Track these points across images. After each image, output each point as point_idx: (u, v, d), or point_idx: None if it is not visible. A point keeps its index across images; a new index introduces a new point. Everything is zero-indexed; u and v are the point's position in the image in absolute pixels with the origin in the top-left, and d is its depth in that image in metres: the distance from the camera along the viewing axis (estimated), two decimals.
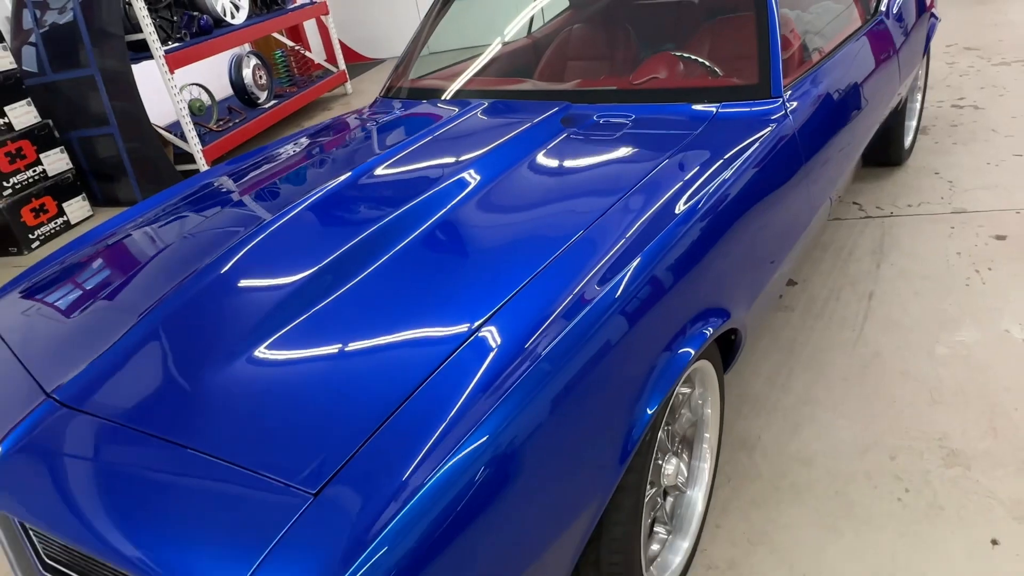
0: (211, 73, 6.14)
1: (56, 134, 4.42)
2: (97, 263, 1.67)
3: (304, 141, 2.21)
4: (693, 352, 1.24)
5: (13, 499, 1.08)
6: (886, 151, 3.13)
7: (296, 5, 6.30)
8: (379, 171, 1.75)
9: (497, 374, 1.01)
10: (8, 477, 1.11)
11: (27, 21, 4.53)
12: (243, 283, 1.38)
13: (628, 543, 1.19)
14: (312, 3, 6.38)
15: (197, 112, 5.30)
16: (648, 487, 1.28)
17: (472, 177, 1.61)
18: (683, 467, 1.49)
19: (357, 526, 0.85)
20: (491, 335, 1.10)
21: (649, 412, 1.15)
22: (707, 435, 1.53)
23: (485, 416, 0.96)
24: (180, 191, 1.99)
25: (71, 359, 1.28)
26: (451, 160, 1.72)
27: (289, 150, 2.14)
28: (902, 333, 2.17)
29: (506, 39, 2.66)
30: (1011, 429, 1.76)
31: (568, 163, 1.64)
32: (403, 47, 8.66)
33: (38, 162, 4.30)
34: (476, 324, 1.12)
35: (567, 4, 2.96)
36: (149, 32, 4.38)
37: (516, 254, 1.29)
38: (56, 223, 4.38)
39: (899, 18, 2.65)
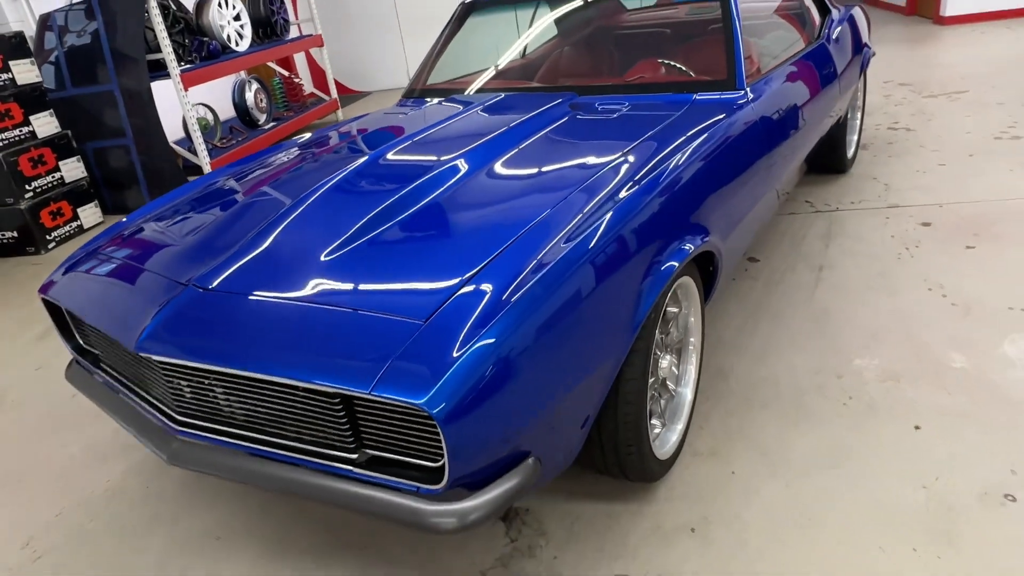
0: (211, 96, 6.51)
1: (74, 144, 4.71)
2: (196, 204, 2.02)
3: (352, 126, 2.60)
4: (693, 248, 1.65)
5: (177, 347, 1.40)
6: (832, 160, 3.64)
7: (293, 37, 6.74)
8: (428, 135, 2.16)
9: (542, 257, 1.39)
10: (169, 334, 1.43)
11: (49, 41, 4.86)
12: (328, 211, 1.74)
13: (638, 397, 1.55)
14: (308, 36, 6.83)
15: (203, 130, 5.64)
16: (649, 377, 1.65)
17: (506, 141, 2.02)
18: (674, 368, 1.87)
19: (451, 345, 1.21)
20: (534, 233, 1.48)
21: (657, 291, 1.53)
22: (692, 340, 1.92)
23: (540, 279, 1.33)
24: (236, 167, 2.34)
25: (200, 262, 1.62)
26: (485, 130, 2.12)
27: (338, 133, 2.52)
28: (847, 294, 2.60)
29: (506, 59, 3.08)
30: (931, 358, 2.18)
31: (579, 132, 2.05)
32: (388, 82, 9.15)
33: (57, 169, 4.58)
34: (531, 219, 1.51)
35: (555, 32, 3.41)
36: (168, 53, 4.75)
37: (551, 186, 1.69)
38: (71, 226, 4.63)
39: (837, 44, 3.18)
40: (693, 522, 1.70)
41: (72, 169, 4.70)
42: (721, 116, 2.06)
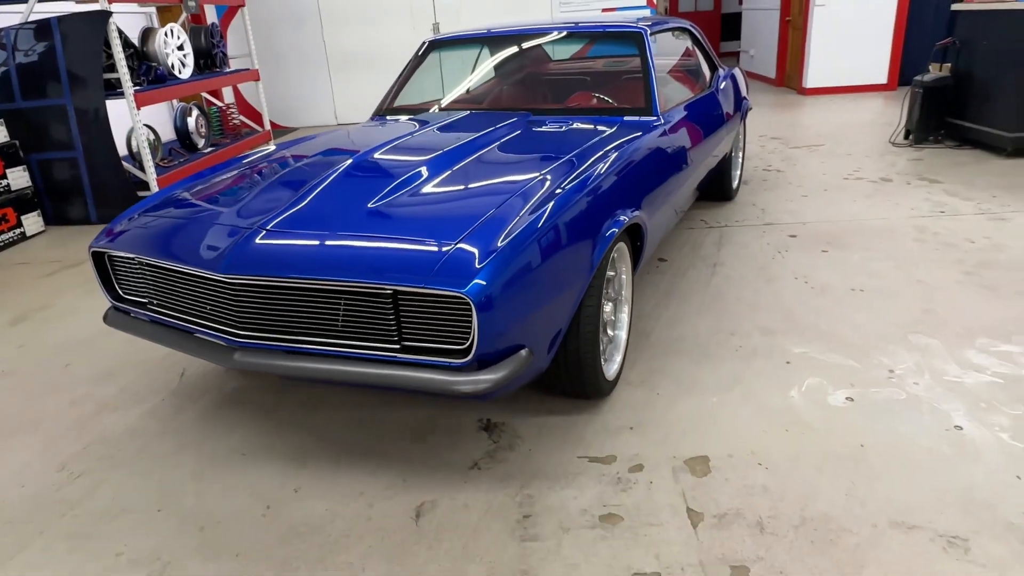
0: (147, 120, 6.69)
1: (21, 154, 4.84)
2: (226, 182, 2.44)
3: (343, 131, 3.09)
4: (627, 219, 2.24)
5: (260, 266, 1.83)
6: (721, 189, 4.44)
7: (231, 69, 7.07)
8: (420, 134, 2.70)
9: (532, 208, 1.94)
10: (248, 259, 1.85)
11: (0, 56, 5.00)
12: (356, 180, 2.22)
13: (595, 320, 2.10)
14: (246, 69, 7.18)
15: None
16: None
17: (486, 140, 2.58)
18: (612, 316, 2.44)
19: (477, 258, 1.73)
20: (526, 193, 2.03)
21: (605, 246, 2.11)
22: (624, 294, 2.51)
23: (531, 222, 1.87)
24: (248, 158, 2.77)
25: (257, 213, 2.05)
26: (465, 133, 2.67)
27: (335, 136, 3.01)
28: (735, 282, 3.30)
29: (463, 88, 3.67)
30: (796, 320, 2.88)
31: (540, 137, 2.65)
32: (315, 119, 9.49)
33: (4, 176, 4.68)
34: (519, 187, 2.06)
35: (503, 68, 4.04)
36: (124, 74, 5.01)
37: (529, 168, 2.25)
38: (14, 233, 4.72)
39: (724, 93, 4.00)
40: (632, 423, 2.25)
41: (18, 178, 4.81)
42: (642, 132, 2.72)
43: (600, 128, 2.77)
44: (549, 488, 1.97)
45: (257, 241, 1.91)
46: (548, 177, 2.17)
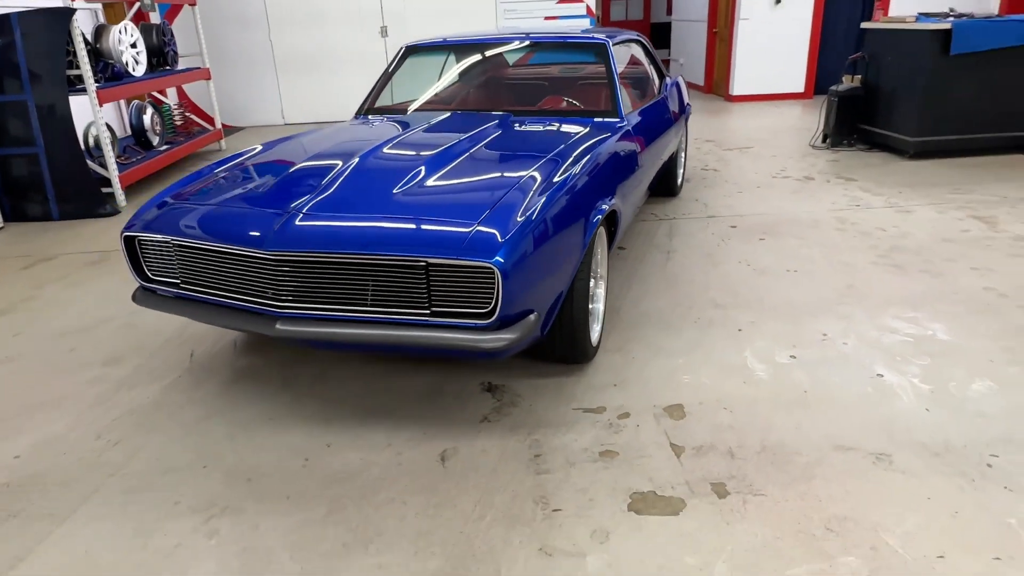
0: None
1: None
2: (246, 169, 2.68)
3: (344, 125, 3.35)
4: (607, 207, 2.60)
5: (303, 242, 2.08)
6: (668, 186, 4.89)
7: (183, 68, 7.09)
8: (421, 130, 3.01)
9: (534, 195, 2.27)
10: (292, 237, 2.10)
11: None
12: (376, 170, 2.50)
13: (585, 292, 2.45)
14: (197, 68, 7.20)
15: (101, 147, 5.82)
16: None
17: (481, 134, 2.90)
18: (593, 290, 2.80)
19: (498, 234, 2.05)
20: (530, 180, 2.36)
21: (593, 228, 2.46)
22: (601, 272, 2.87)
23: (537, 207, 2.20)
24: (250, 152, 3.01)
25: (291, 197, 2.30)
26: (461, 128, 2.98)
27: (340, 129, 3.30)
28: (687, 266, 3.73)
29: (438, 91, 3.96)
30: (743, 296, 3.32)
31: (524, 134, 2.99)
32: (262, 119, 9.49)
33: None
34: (518, 178, 2.38)
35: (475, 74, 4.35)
36: (87, 70, 5.04)
37: (520, 161, 2.59)
38: None
39: (671, 99, 4.45)
40: (614, 381, 2.61)
41: None
42: (610, 133, 3.10)
43: (575, 129, 3.12)
44: (552, 434, 2.30)
45: (298, 222, 2.16)
46: (540, 170, 2.50)
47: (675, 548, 1.80)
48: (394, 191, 2.33)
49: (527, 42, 3.71)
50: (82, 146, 5.76)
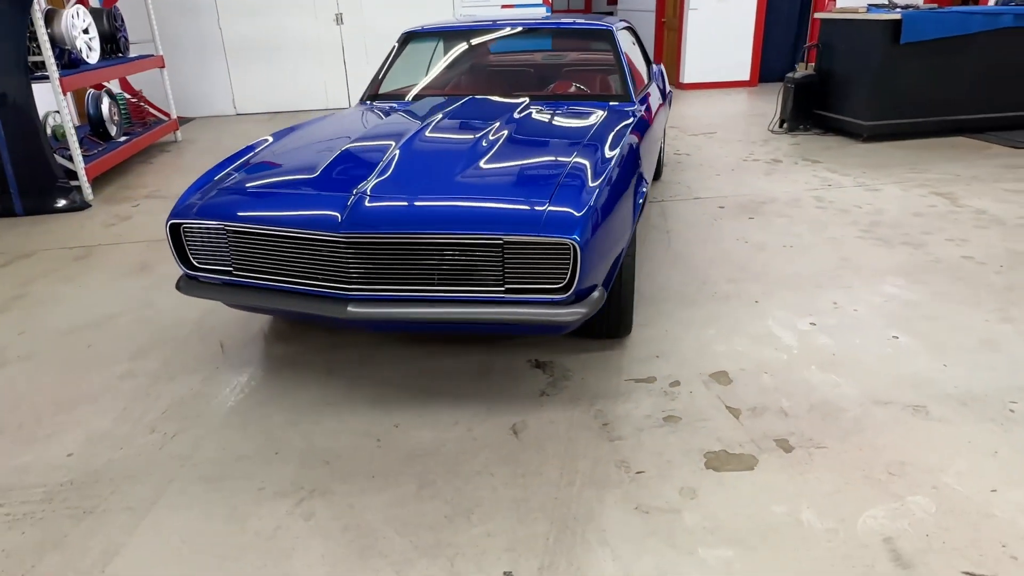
0: (51, 106, 6.26)
1: None
2: (285, 151, 2.66)
3: (358, 112, 3.34)
4: (645, 188, 2.71)
5: (379, 224, 2.10)
6: (655, 169, 5.06)
7: (136, 55, 6.77)
8: (456, 112, 3.04)
9: (592, 176, 2.36)
10: (365, 218, 2.11)
11: None
12: (429, 148, 2.52)
13: (631, 267, 2.56)
14: (150, 56, 6.90)
15: (58, 137, 5.52)
16: None
17: (510, 119, 2.96)
18: None
19: (572, 210, 2.12)
20: (580, 162, 2.44)
21: (640, 208, 2.57)
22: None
23: (598, 187, 2.29)
24: (300, 127, 3.05)
25: (355, 179, 2.30)
26: (488, 114, 3.04)
27: (376, 112, 3.33)
28: (689, 244, 3.90)
29: (440, 82, 3.98)
30: (751, 271, 3.51)
31: (551, 117, 3.06)
32: (212, 108, 9.11)
33: None
34: (569, 159, 2.46)
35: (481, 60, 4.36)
36: (48, 58, 4.76)
37: (559, 144, 2.66)
38: None
39: (660, 83, 4.60)
40: (656, 352, 2.73)
41: None
42: (631, 116, 3.21)
43: (595, 113, 3.22)
44: (613, 403, 2.40)
45: (368, 203, 2.17)
46: (584, 153, 2.58)
47: (760, 499, 1.93)
48: (453, 172, 2.36)
49: (532, 28, 3.77)
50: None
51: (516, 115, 3.08)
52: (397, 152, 2.55)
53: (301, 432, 2.30)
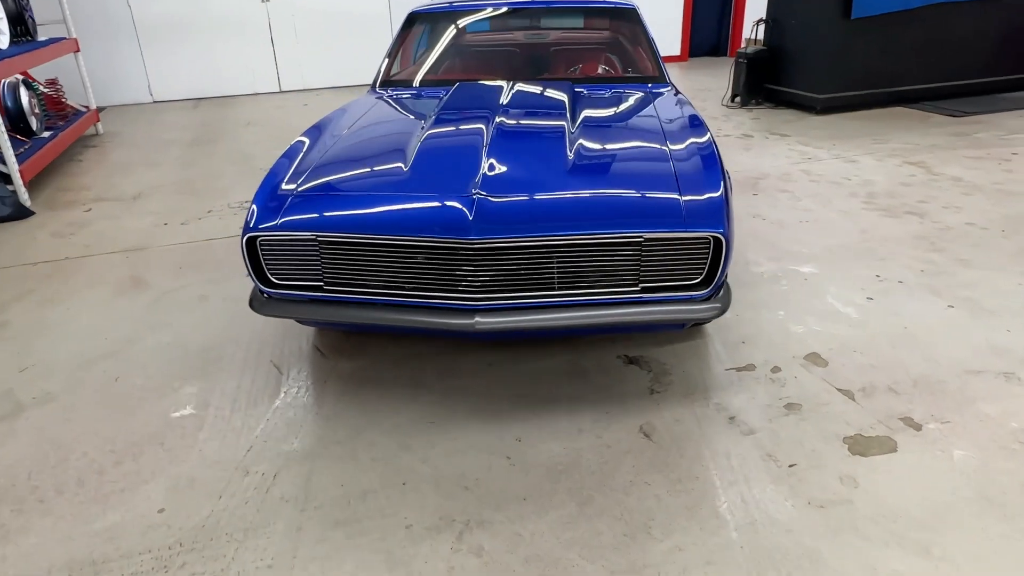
0: None
1: None
2: (355, 143, 2.48)
3: (384, 100, 3.12)
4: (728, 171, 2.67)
5: (514, 229, 1.93)
6: None
7: (44, 40, 6.00)
8: (515, 100, 2.88)
9: (704, 163, 2.28)
10: (496, 224, 1.94)
11: None
12: (517, 138, 2.35)
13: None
14: (63, 39, 6.13)
15: None
16: None
17: (571, 103, 2.83)
18: None
19: (711, 198, 2.04)
20: (678, 149, 2.35)
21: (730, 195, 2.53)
22: None
23: (718, 175, 2.21)
24: (335, 117, 2.86)
25: (461, 177, 2.11)
26: (542, 100, 2.89)
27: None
28: None
29: (450, 65, 3.75)
30: (784, 248, 3.56)
31: (606, 101, 2.96)
32: (125, 96, 8.21)
33: None
34: (661, 145, 2.37)
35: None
36: None
37: (636, 129, 2.57)
38: None
39: None
40: (740, 339, 2.71)
41: None
42: (679, 102, 3.15)
43: (638, 93, 3.13)
44: (727, 395, 2.36)
45: (494, 202, 1.99)
46: (672, 139, 2.49)
47: (920, 480, 1.95)
48: (559, 163, 2.21)
49: (551, 8, 3.61)
50: None
51: (572, 101, 2.93)
52: (488, 143, 2.36)
53: (419, 457, 2.11)
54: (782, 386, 2.41)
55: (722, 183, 2.16)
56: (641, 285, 2.07)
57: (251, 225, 2.09)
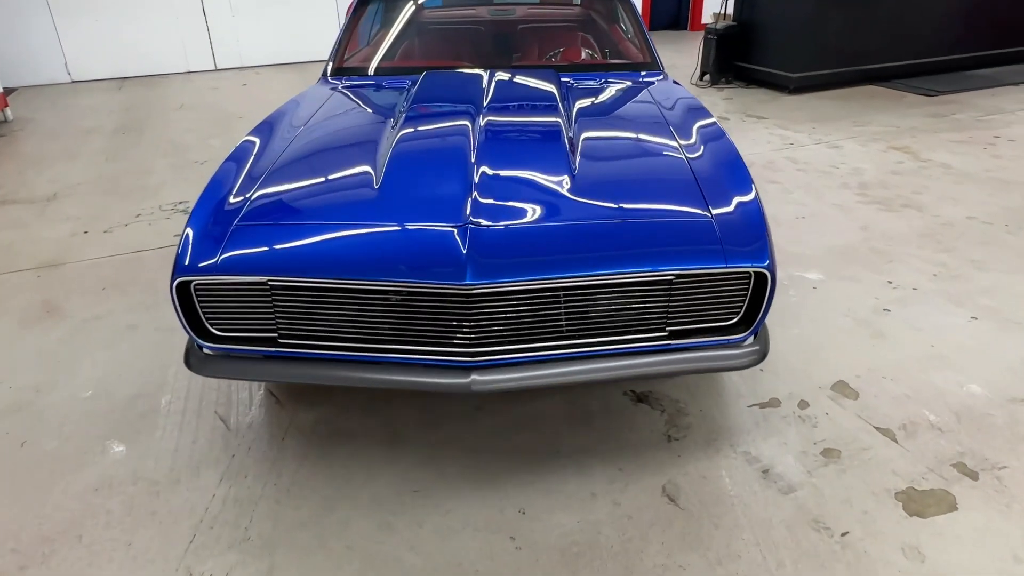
0: None
1: None
2: (315, 157, 2.03)
3: (337, 92, 2.67)
4: None
5: (516, 271, 1.56)
6: None
7: None
8: (500, 94, 2.49)
9: (727, 174, 1.94)
10: (495, 262, 1.56)
11: None
12: (507, 144, 1.96)
13: None
14: None
15: None
16: None
17: (561, 97, 2.45)
18: None
19: (753, 224, 1.70)
20: (694, 152, 2.00)
21: None
22: None
23: (746, 173, 1.88)
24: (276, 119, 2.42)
25: (447, 203, 1.72)
26: (536, 90, 2.51)
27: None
28: None
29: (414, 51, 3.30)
30: (783, 249, 3.28)
31: (597, 91, 2.58)
32: (38, 76, 7.41)
33: None
34: (672, 151, 2.02)
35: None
36: None
37: (646, 126, 2.21)
38: None
39: None
40: (756, 367, 2.41)
41: None
42: (677, 87, 2.80)
43: (634, 84, 2.76)
44: (754, 441, 2.06)
45: (487, 243, 1.60)
46: (692, 143, 2.14)
47: (992, 548, 1.69)
48: (562, 179, 1.83)
49: None
50: None
51: (564, 94, 2.54)
52: (476, 150, 1.96)
53: (405, 541, 1.74)
54: (814, 426, 2.12)
55: (756, 198, 1.83)
56: (668, 329, 1.72)
57: (184, 264, 1.65)
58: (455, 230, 1.63)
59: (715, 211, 1.73)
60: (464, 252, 1.57)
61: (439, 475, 1.96)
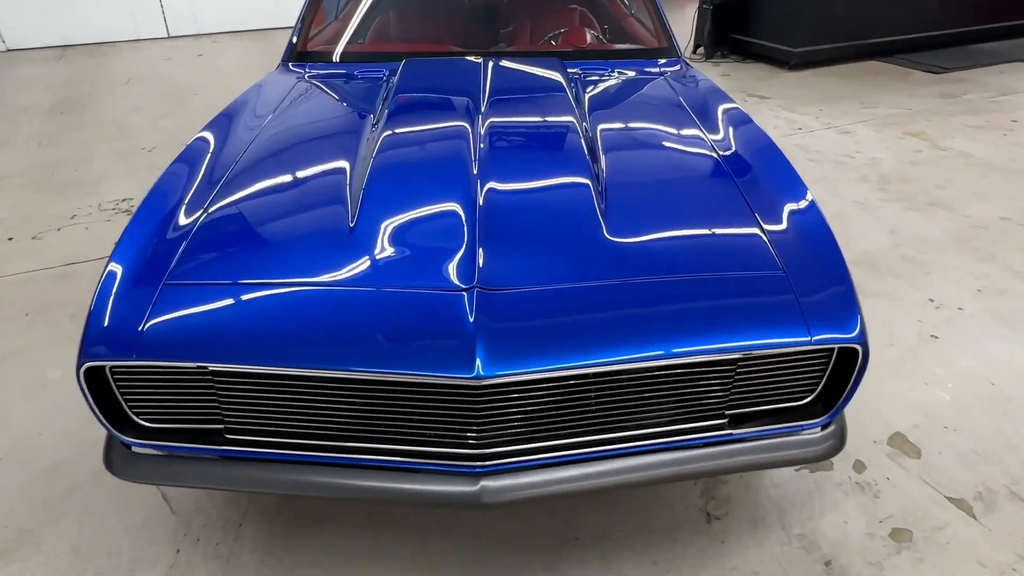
0: None
1: None
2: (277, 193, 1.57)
3: (304, 86, 2.24)
4: None
5: (538, 357, 1.17)
6: None
7: None
8: (500, 93, 2.09)
9: (784, 195, 1.57)
10: (514, 347, 1.18)
11: None
12: (517, 163, 1.56)
13: None
14: None
15: None
16: None
17: (572, 93, 2.06)
18: None
19: (837, 290, 1.34)
20: (751, 183, 1.63)
21: None
22: None
23: (819, 214, 1.51)
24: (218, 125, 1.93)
25: (442, 262, 1.31)
26: (538, 85, 2.15)
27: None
28: None
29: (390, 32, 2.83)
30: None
31: (611, 85, 2.20)
32: None
33: None
34: (717, 172, 1.66)
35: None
36: None
37: (678, 135, 1.84)
38: None
39: None
40: None
41: None
42: (680, 69, 2.42)
43: (654, 77, 2.36)
44: (809, 520, 1.73)
45: (508, 304, 1.21)
46: (746, 168, 1.75)
47: None
48: (591, 226, 1.44)
49: None
50: None
51: (577, 92, 2.12)
52: (478, 174, 1.55)
53: None
54: (876, 496, 1.80)
55: (834, 243, 1.47)
56: (728, 415, 1.36)
57: (92, 340, 1.23)
58: (458, 295, 1.24)
59: (787, 264, 1.36)
60: (471, 329, 1.18)
61: (432, 572, 1.60)
